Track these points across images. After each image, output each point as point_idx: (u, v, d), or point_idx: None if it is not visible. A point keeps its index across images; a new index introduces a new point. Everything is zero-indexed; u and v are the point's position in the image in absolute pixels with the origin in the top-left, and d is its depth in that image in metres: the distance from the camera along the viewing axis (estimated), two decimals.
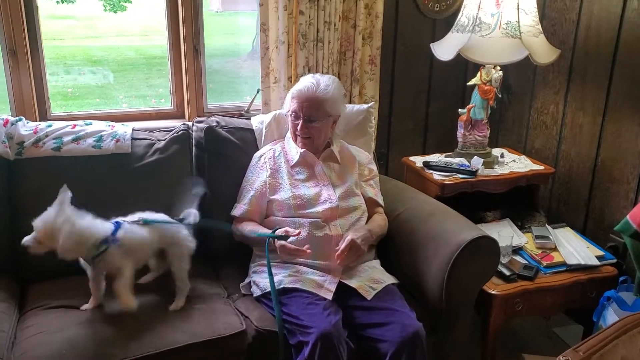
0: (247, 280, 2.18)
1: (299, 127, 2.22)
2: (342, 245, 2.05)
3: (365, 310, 1.97)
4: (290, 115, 2.25)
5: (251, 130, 2.49)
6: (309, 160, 2.27)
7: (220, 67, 4.00)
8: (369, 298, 2.00)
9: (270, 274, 2.01)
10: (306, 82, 2.24)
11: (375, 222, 2.26)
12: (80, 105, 3.84)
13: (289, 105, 2.26)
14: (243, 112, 2.82)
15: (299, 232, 2.07)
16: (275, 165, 2.28)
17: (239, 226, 2.24)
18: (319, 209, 2.16)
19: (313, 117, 2.21)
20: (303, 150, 2.26)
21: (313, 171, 2.27)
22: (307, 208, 2.16)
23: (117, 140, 2.29)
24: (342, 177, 2.29)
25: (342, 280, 2.05)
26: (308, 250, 2.03)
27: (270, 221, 2.22)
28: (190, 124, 2.48)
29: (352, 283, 2.04)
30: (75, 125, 2.32)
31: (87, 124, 2.35)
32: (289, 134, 2.38)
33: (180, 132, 2.40)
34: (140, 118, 2.79)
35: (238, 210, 2.27)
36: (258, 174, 2.29)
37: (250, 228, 2.20)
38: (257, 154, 2.38)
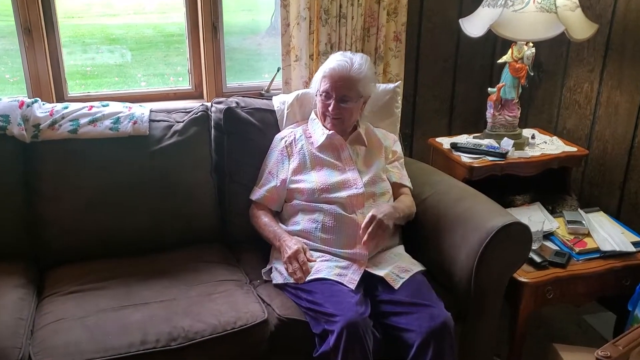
0: (268, 267, 2.13)
1: (330, 108, 2.15)
2: (364, 222, 1.99)
3: (391, 300, 1.90)
4: (321, 95, 2.18)
5: (272, 111, 2.42)
6: (335, 142, 2.20)
7: (239, 44, 3.93)
8: (396, 287, 1.93)
9: None
10: (339, 60, 2.16)
11: (401, 201, 2.19)
12: (99, 84, 3.82)
13: (320, 84, 2.19)
14: (263, 92, 2.75)
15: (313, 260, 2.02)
16: (296, 149, 2.22)
17: (255, 214, 2.21)
18: (343, 194, 2.09)
19: (346, 98, 2.14)
20: (331, 132, 2.19)
21: (339, 154, 2.19)
22: (331, 192, 2.10)
23: (135, 122, 2.23)
24: (368, 162, 2.22)
25: (368, 269, 1.98)
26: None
27: (291, 206, 2.15)
28: (209, 104, 2.42)
29: (379, 272, 1.97)
30: (92, 107, 2.27)
31: (104, 105, 2.29)
32: (313, 115, 2.31)
33: (199, 114, 2.34)
34: (158, 98, 2.77)
35: (256, 194, 2.23)
36: (278, 159, 2.23)
37: (267, 230, 2.16)
38: (279, 135, 2.31)
